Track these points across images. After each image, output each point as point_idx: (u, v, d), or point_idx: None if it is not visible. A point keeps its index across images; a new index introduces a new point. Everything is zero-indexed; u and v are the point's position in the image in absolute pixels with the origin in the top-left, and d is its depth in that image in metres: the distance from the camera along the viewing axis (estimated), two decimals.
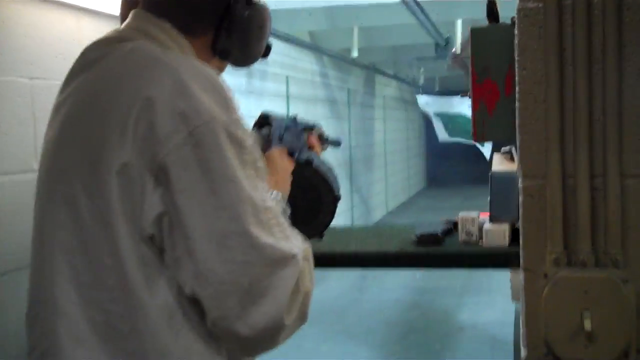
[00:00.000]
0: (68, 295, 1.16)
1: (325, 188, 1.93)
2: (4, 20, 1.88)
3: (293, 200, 1.64)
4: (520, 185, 1.38)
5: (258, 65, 7.18)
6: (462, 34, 8.02)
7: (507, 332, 5.60)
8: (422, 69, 10.62)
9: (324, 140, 2.13)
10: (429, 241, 2.31)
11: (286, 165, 1.63)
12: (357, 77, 11.38)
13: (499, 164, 2.54)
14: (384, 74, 12.07)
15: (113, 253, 1.12)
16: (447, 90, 12.04)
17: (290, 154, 1.81)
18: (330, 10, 7.08)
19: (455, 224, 2.41)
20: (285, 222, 1.19)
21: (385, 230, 2.62)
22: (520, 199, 1.38)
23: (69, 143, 1.21)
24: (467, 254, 2.23)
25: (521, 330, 1.46)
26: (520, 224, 1.38)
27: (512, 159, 2.56)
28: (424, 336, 5.77)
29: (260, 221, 1.11)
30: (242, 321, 1.11)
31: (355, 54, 8.34)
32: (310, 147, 1.96)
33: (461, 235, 2.30)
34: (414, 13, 5.71)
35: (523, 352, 1.44)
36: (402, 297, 6.98)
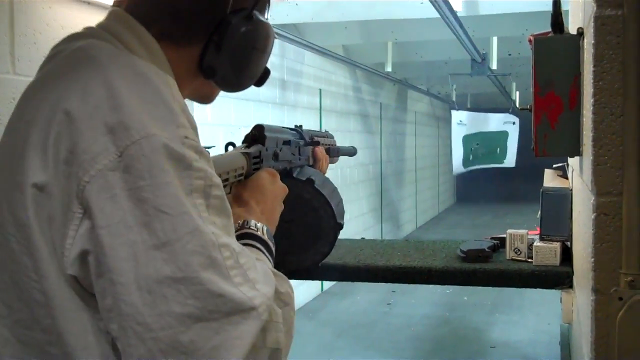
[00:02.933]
0: (2, 334, 0.98)
1: (326, 213, 1.74)
2: (48, 22, 1.87)
3: (288, 224, 1.44)
4: (592, 202, 1.32)
5: (292, 78, 7.27)
6: (498, 50, 8.02)
7: (539, 352, 5.55)
8: (454, 86, 10.57)
9: (335, 153, 1.94)
10: (476, 257, 2.25)
11: (277, 191, 1.35)
12: (389, 92, 11.39)
13: (551, 181, 2.48)
14: (416, 89, 12.06)
15: (43, 291, 0.93)
16: (480, 108, 12.00)
17: (288, 172, 1.61)
18: (365, 25, 7.09)
19: (501, 241, 2.36)
20: (249, 262, 0.96)
21: (427, 245, 2.55)
22: (592, 216, 1.32)
23: (1, 155, 1.03)
24: (516, 272, 2.15)
25: (588, 355, 1.40)
26: (591, 243, 1.32)
27: (564, 175, 2.51)
28: (454, 353, 5.72)
29: (210, 262, 0.89)
30: None
31: (388, 68, 8.35)
32: (316, 163, 1.76)
33: (509, 253, 2.24)
34: (452, 29, 5.67)
35: None
36: (432, 313, 6.93)
